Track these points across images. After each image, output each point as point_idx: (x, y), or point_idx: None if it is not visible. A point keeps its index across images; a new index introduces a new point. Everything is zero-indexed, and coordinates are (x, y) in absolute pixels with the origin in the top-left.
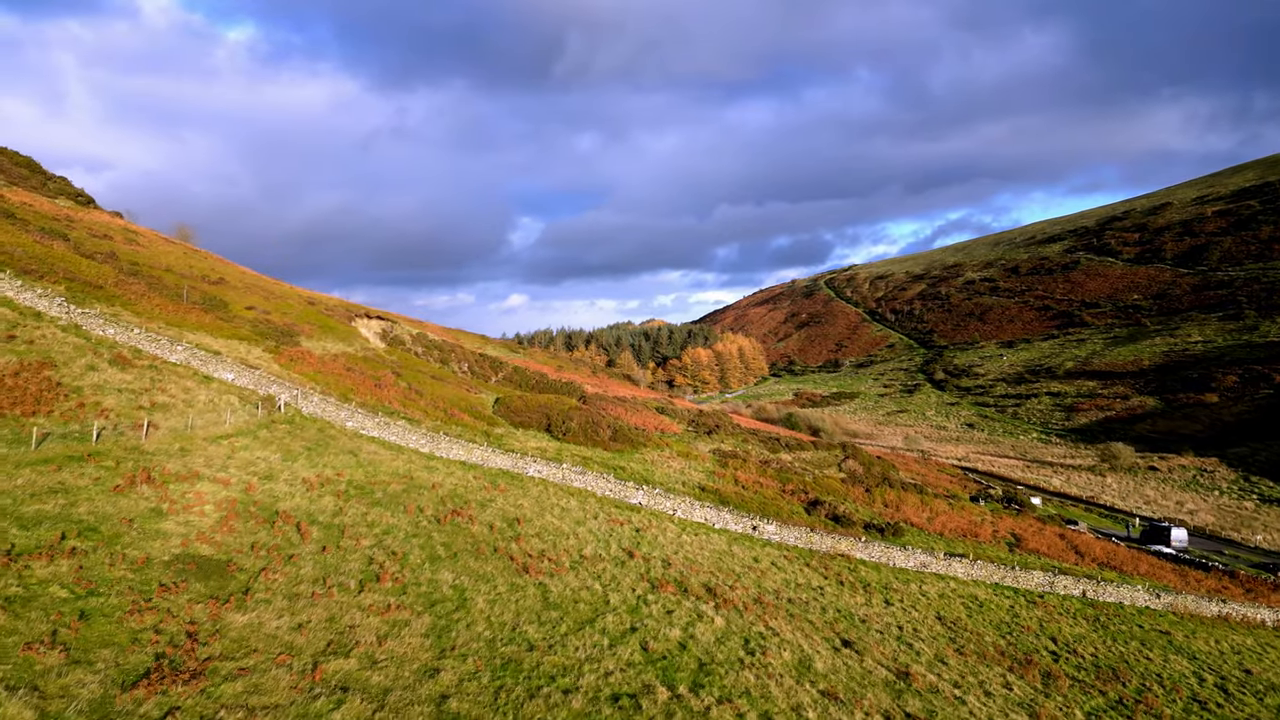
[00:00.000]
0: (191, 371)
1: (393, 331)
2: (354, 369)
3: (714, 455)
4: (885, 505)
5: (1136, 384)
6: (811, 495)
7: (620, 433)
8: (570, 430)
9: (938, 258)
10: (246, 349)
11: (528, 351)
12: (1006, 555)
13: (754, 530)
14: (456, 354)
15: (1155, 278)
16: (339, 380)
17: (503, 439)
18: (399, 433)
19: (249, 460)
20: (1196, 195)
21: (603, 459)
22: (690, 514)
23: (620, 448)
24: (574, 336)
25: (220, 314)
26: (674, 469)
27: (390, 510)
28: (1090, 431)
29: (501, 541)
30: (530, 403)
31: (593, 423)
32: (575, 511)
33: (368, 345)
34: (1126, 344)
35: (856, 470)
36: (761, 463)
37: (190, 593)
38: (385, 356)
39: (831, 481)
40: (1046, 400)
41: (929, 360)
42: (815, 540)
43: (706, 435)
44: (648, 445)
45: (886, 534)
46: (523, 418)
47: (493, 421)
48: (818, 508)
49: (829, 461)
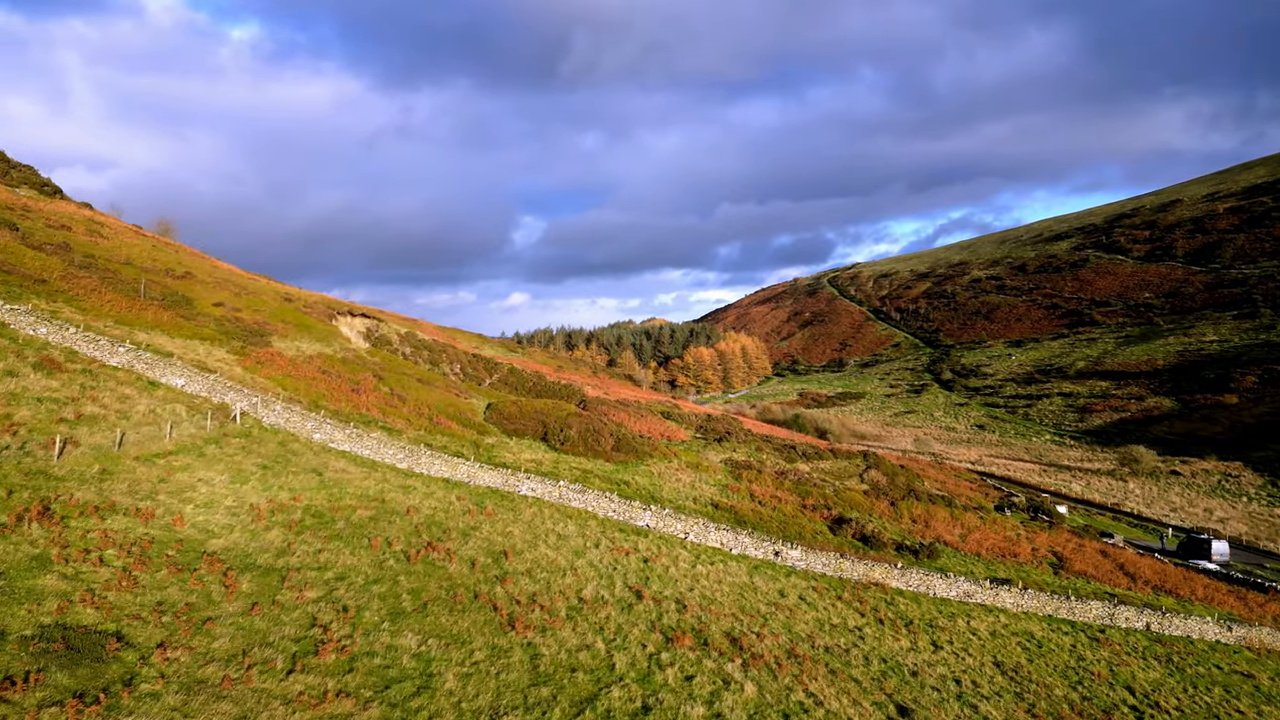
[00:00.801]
0: (134, 377)
1: (378, 330)
2: (330, 372)
3: (726, 466)
4: (913, 521)
5: (1151, 384)
6: (835, 511)
7: (624, 442)
8: (569, 440)
9: (942, 256)
10: (207, 350)
11: (526, 351)
12: (1053, 579)
13: (776, 556)
14: (448, 355)
15: (1167, 276)
16: (311, 385)
17: (493, 450)
18: (374, 445)
19: (186, 484)
20: (1207, 192)
21: (605, 472)
22: (704, 537)
23: (624, 459)
24: (574, 335)
25: (182, 311)
26: (684, 482)
27: (351, 546)
28: (1105, 433)
29: (484, 584)
30: (525, 409)
31: (593, 431)
32: (574, 539)
33: (348, 345)
34: (1139, 343)
35: (880, 481)
36: (777, 474)
37: (44, 690)
38: (367, 358)
39: (854, 494)
40: (1058, 401)
41: (935, 360)
42: (845, 567)
43: (717, 443)
44: (654, 455)
45: (921, 556)
46: (517, 425)
47: (483, 430)
48: (843, 526)
49: (850, 472)
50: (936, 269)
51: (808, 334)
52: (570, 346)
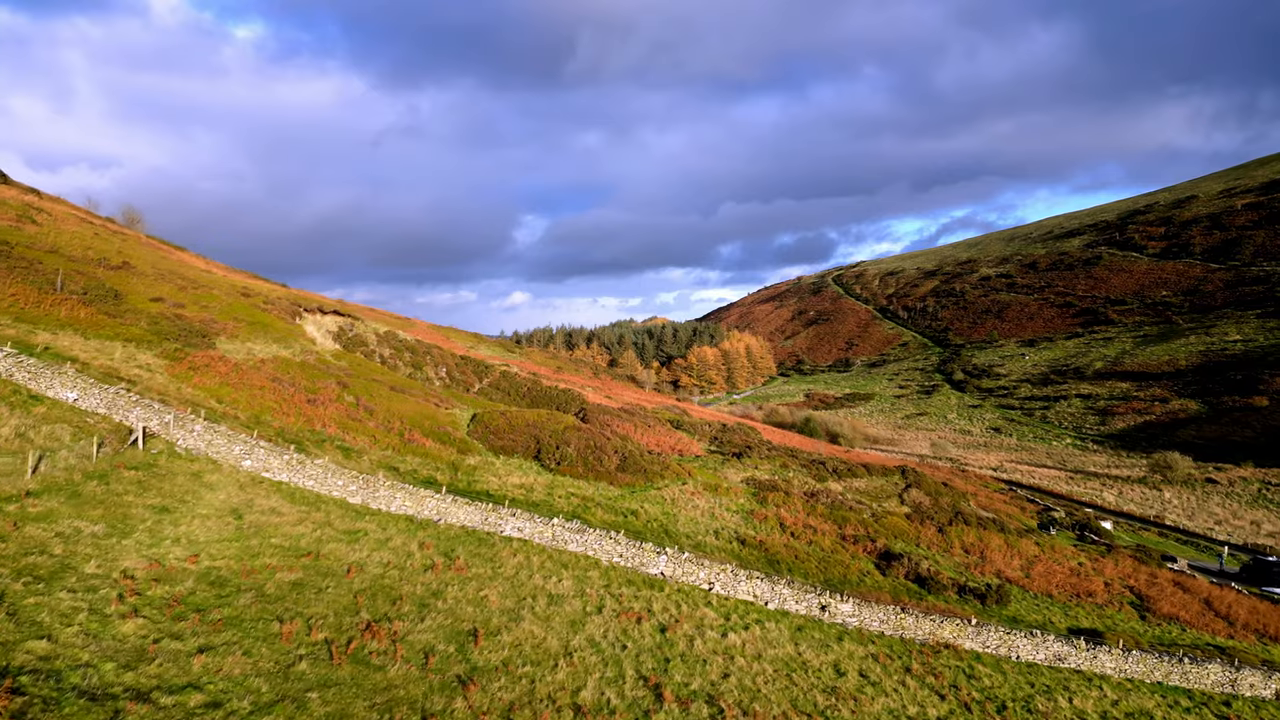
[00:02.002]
0: (11, 389)
1: (352, 330)
2: (283, 379)
3: (748, 487)
4: (966, 551)
5: (1175, 386)
6: (880, 543)
7: (630, 460)
8: (566, 459)
9: (950, 253)
10: (128, 354)
11: (524, 351)
12: (1141, 627)
13: (823, 610)
14: (433, 357)
15: (1184, 273)
16: (255, 396)
17: (475, 473)
18: (320, 473)
19: (35, 543)
20: (1223, 188)
21: (609, 499)
22: (733, 588)
23: (631, 480)
24: (574, 335)
25: (106, 307)
26: (701, 509)
27: (251, 638)
28: (1130, 437)
29: (439, 696)
30: (516, 421)
31: (595, 447)
32: (570, 601)
33: (312, 347)
34: (1159, 343)
35: (922, 503)
36: (807, 496)
37: None
38: (333, 362)
39: (896, 520)
40: (1077, 403)
41: (946, 360)
42: (907, 623)
43: (735, 459)
44: (665, 476)
45: (989, 602)
46: (505, 441)
47: (465, 447)
48: (892, 564)
49: (888, 491)
50: (944, 267)
51: (813, 333)
52: (570, 346)
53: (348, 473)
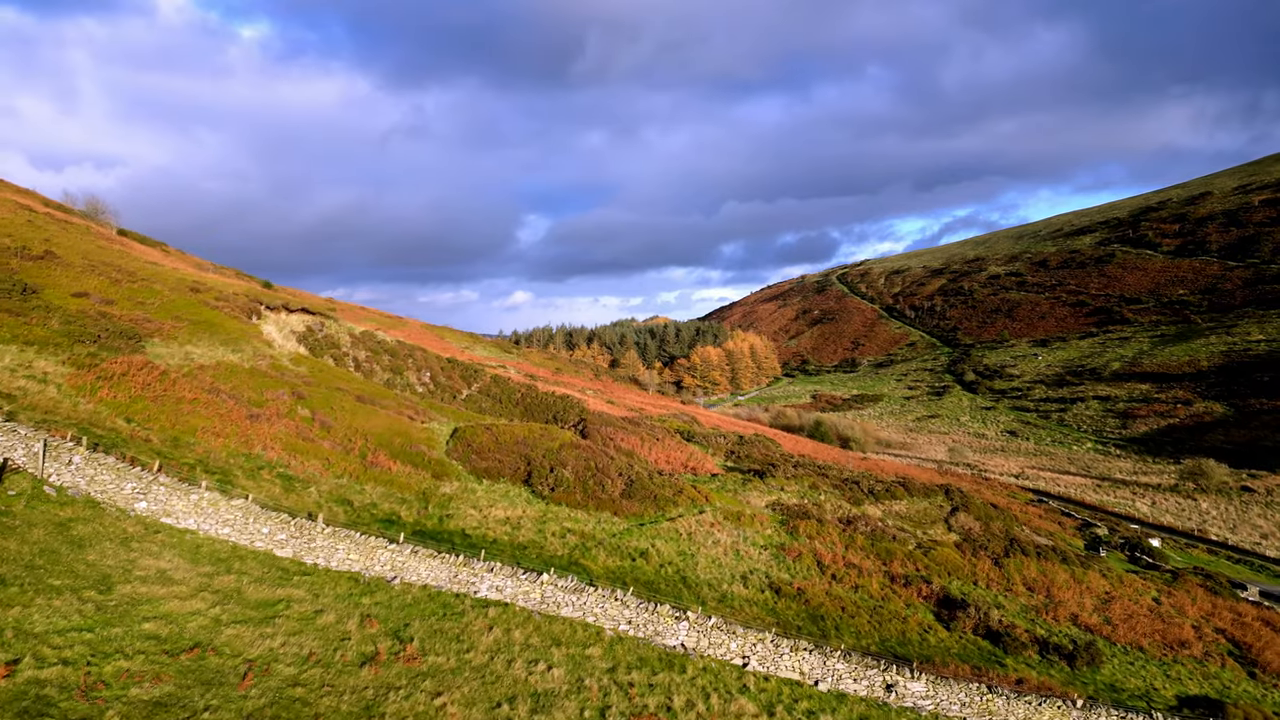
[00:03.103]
0: None
1: (323, 330)
2: (221, 390)
3: (775, 514)
4: (1030, 589)
5: (1197, 387)
6: (935, 585)
7: (638, 484)
8: (562, 483)
9: (956, 251)
10: (23, 360)
11: (522, 352)
12: (1254, 688)
13: (888, 691)
14: (416, 360)
15: (1201, 271)
16: (179, 413)
17: (451, 506)
18: (239, 518)
19: None
20: (1238, 184)
21: (613, 535)
22: (774, 663)
23: (638, 510)
24: (575, 334)
25: (11, 303)
26: (723, 546)
27: None
28: (1154, 441)
29: None
30: (503, 437)
31: (596, 469)
32: (562, 704)
33: (267, 350)
34: (1178, 343)
35: (971, 529)
36: (843, 524)
37: None
38: (291, 368)
39: (946, 552)
40: (1095, 405)
41: (955, 360)
42: (996, 706)
43: (757, 478)
44: (679, 502)
45: (1078, 663)
46: (490, 462)
47: (441, 470)
48: (957, 616)
49: (931, 515)
50: (951, 265)
51: (817, 332)
52: (571, 346)
53: (276, 516)
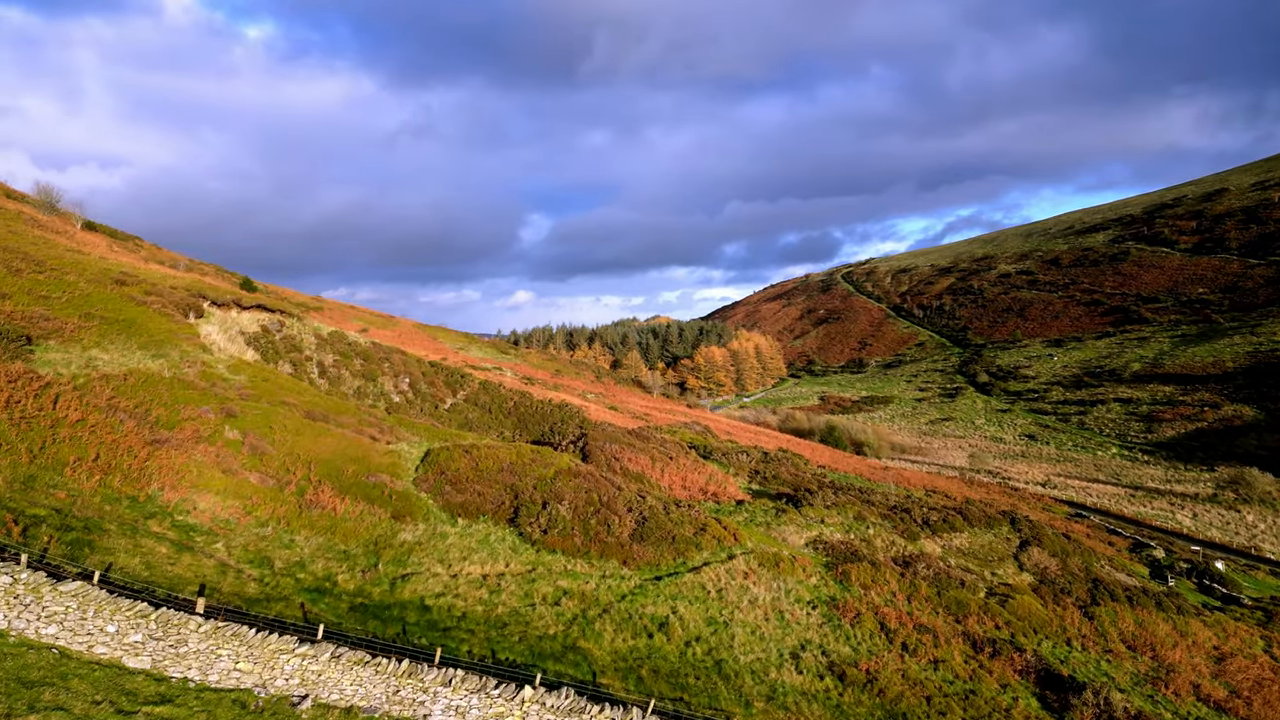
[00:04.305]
0: None
1: (281, 331)
2: (121, 409)
3: (818, 554)
4: (1130, 647)
5: (1224, 390)
6: (1028, 652)
7: (652, 521)
8: (557, 522)
9: (965, 250)
10: None
11: (520, 353)
12: None
13: None
14: (394, 364)
15: (1221, 269)
16: (52, 440)
17: (410, 560)
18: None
19: None
20: (1255, 180)
21: (621, 596)
22: None
23: (653, 556)
24: (575, 334)
25: None
26: (763, 606)
27: None
28: (1183, 447)
29: None
30: (486, 462)
31: (600, 502)
32: None
33: (201, 356)
34: (1200, 343)
35: (1046, 567)
36: (900, 565)
37: None
38: (228, 377)
39: (1027, 601)
40: (1117, 408)
41: (967, 360)
42: None
43: (791, 506)
44: (703, 544)
45: None
46: (468, 495)
47: (404, 507)
48: (1071, 705)
49: (997, 551)
50: (959, 263)
51: (823, 332)
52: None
53: (132, 606)
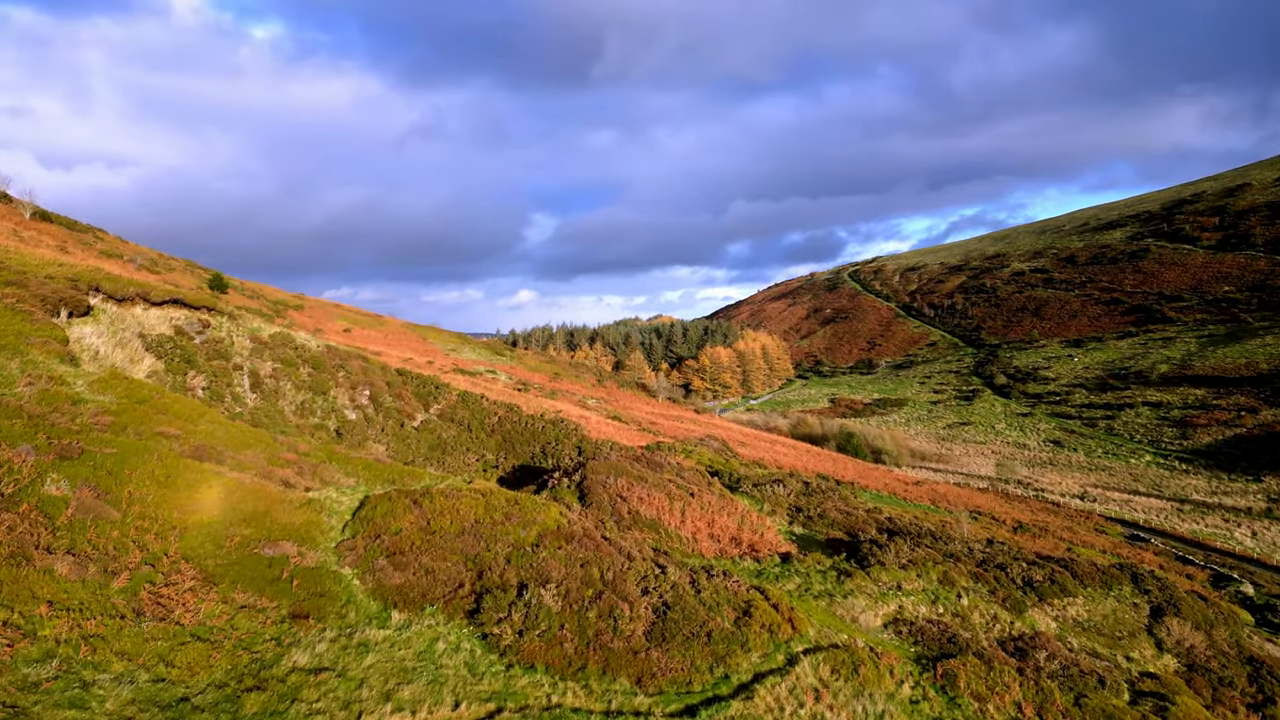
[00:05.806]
0: None
1: (203, 334)
2: None
3: (903, 643)
4: None
5: (1261, 393)
6: None
7: (678, 609)
8: (538, 616)
9: (975, 247)
10: None
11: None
12: None
13: None
14: (352, 373)
15: (1248, 266)
16: None
17: (291, 710)
18: None
19: None
20: (1278, 175)
21: None
22: None
23: (679, 668)
24: (576, 334)
25: None
26: None
27: None
28: (1222, 454)
29: None
30: (440, 520)
31: (602, 581)
32: None
33: (58, 369)
34: (1230, 344)
35: (1191, 645)
36: (1012, 654)
37: None
38: (87, 398)
39: (1188, 705)
40: (1146, 412)
41: (982, 361)
42: None
43: (855, 564)
44: (749, 640)
45: None
46: (411, 572)
47: (310, 595)
48: None
49: (1125, 623)
50: (970, 261)
51: (830, 332)
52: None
53: None
